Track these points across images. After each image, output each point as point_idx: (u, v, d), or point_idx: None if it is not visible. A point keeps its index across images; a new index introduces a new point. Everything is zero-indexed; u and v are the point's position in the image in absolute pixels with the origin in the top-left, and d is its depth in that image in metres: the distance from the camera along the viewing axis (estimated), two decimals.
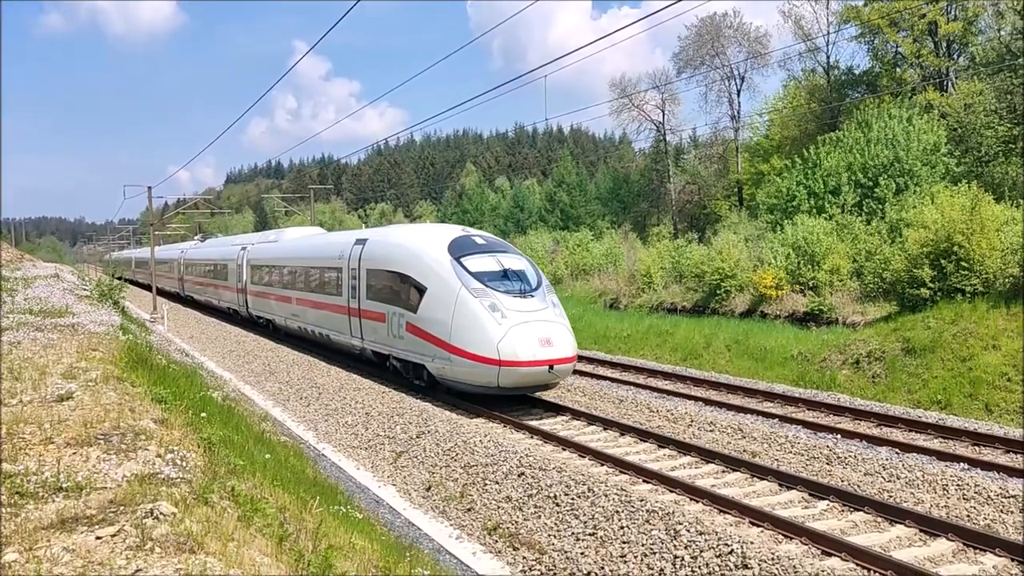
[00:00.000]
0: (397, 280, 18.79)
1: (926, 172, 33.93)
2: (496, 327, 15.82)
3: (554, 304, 17.14)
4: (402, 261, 18.75)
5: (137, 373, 10.57)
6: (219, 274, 40.58)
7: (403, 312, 18.31)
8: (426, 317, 17.30)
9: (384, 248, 20.42)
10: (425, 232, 20.23)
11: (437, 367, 17.21)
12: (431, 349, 17.18)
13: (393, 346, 19.15)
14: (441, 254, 17.61)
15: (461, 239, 18.39)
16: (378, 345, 20.17)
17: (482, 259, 17.50)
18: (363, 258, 21.12)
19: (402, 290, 18.50)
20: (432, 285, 17.28)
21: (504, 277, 17.10)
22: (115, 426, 6.99)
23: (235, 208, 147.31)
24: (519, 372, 15.74)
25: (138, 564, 4.03)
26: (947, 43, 42.25)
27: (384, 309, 19.42)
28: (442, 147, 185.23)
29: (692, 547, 9.06)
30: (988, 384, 18.50)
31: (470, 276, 16.78)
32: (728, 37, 55.77)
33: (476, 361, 15.94)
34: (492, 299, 16.27)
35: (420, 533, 11.25)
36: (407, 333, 18.15)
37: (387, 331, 19.24)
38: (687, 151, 66.92)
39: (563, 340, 16.24)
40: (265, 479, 7.68)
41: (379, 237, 21.67)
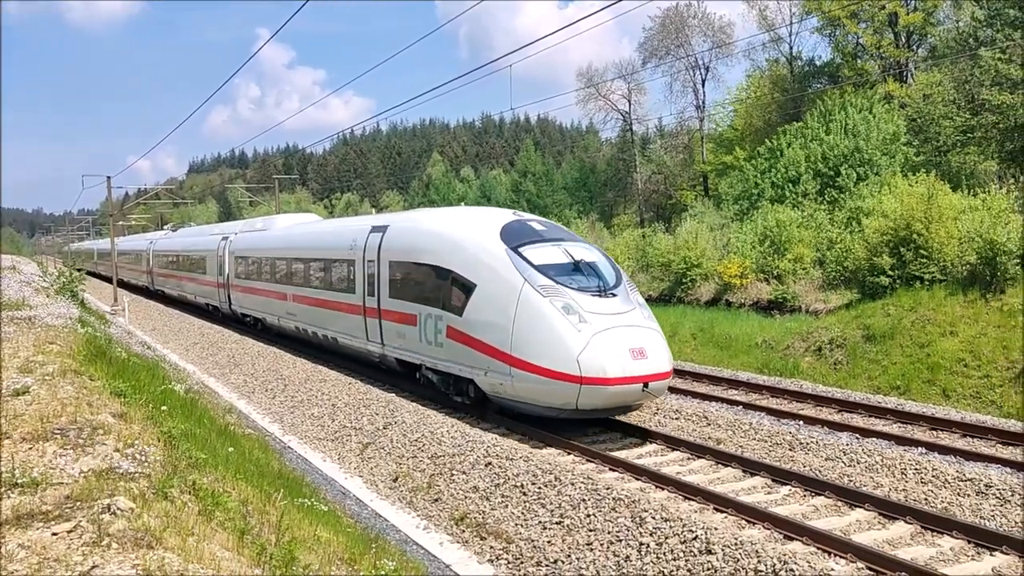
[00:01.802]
0: (432, 275, 15.82)
1: (886, 161, 34.46)
2: (575, 335, 12.78)
3: (641, 305, 14.30)
4: (439, 252, 15.83)
5: (96, 367, 10.41)
6: (196, 267, 37.17)
7: (442, 314, 15.29)
8: (475, 320, 14.29)
9: (412, 237, 17.48)
10: (467, 217, 17.27)
11: (492, 383, 14.06)
12: (483, 360, 14.10)
13: (427, 354, 16.05)
14: (493, 243, 14.69)
15: (515, 225, 15.50)
16: (406, 352, 17.01)
17: (545, 249, 14.56)
18: (383, 249, 18.07)
19: (440, 287, 15.46)
20: (483, 282, 14.32)
21: (576, 271, 14.14)
22: (72, 420, 6.88)
23: (198, 198, 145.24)
24: (607, 392, 12.69)
25: (94, 560, 3.98)
26: (907, 34, 42.85)
27: (415, 310, 16.37)
28: (409, 136, 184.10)
29: (657, 534, 9.14)
30: (945, 370, 18.88)
31: (534, 270, 13.84)
32: (693, 27, 56.04)
33: (548, 377, 12.87)
34: (566, 299, 13.27)
35: (387, 524, 11.23)
36: (448, 340, 15.09)
37: (419, 336, 16.19)
38: (653, 141, 67.17)
39: (659, 350, 13.31)
40: (228, 472, 7.61)
41: (404, 223, 18.68)
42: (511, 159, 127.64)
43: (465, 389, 15.41)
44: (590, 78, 61.52)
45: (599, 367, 12.53)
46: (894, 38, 42.41)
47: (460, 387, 15.58)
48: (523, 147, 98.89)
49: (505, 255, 14.26)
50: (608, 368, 12.57)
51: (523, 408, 13.98)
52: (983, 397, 17.73)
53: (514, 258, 14.14)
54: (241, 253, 30.21)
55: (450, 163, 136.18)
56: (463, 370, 14.85)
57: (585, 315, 13.06)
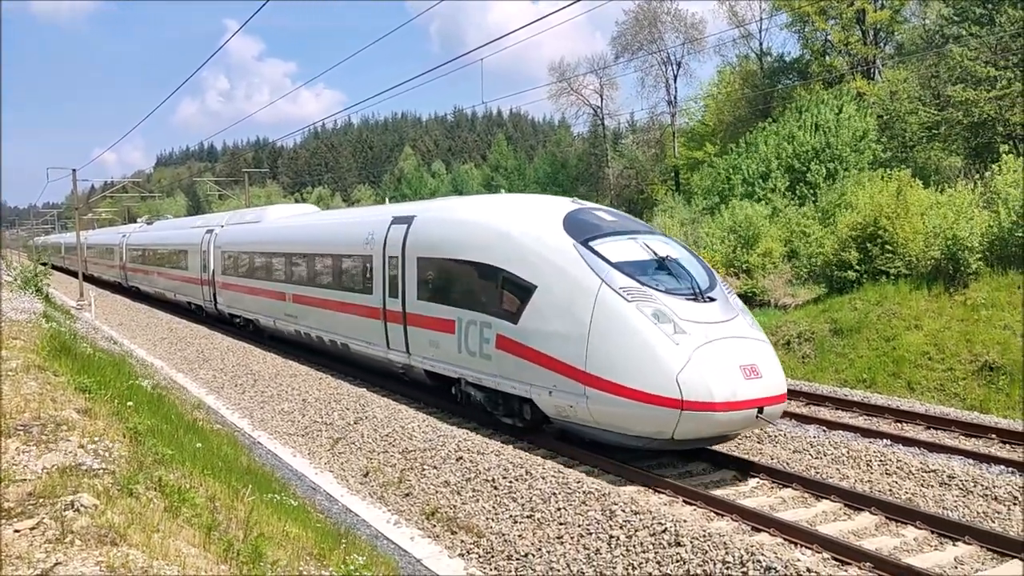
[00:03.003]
0: (476, 275, 13.62)
1: (855, 158, 34.90)
2: (672, 348, 10.59)
3: (743, 311, 12.03)
4: (486, 247, 13.52)
5: (60, 362, 10.27)
6: (176, 262, 34.28)
7: (490, 320, 13.05)
8: (536, 329, 12.06)
9: (448, 229, 15.04)
10: (518, 205, 14.78)
11: (558, 404, 11.82)
12: (546, 376, 11.87)
13: (469, 367, 13.81)
14: (556, 236, 12.40)
15: (580, 214, 13.23)
16: (439, 364, 14.76)
17: (621, 243, 12.25)
18: (409, 243, 15.74)
19: (487, 289, 13.26)
20: (546, 282, 12.08)
21: (662, 270, 11.94)
22: (36, 417, 6.78)
23: (166, 192, 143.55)
24: (714, 419, 10.51)
25: (57, 557, 3.93)
26: (874, 31, 43.39)
27: (452, 315, 14.15)
28: (380, 130, 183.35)
29: (627, 526, 9.20)
30: (910, 363, 19.17)
31: (612, 269, 11.57)
32: (665, 23, 56.34)
33: (638, 400, 10.65)
34: (656, 304, 11.06)
35: (357, 519, 11.19)
36: (498, 351, 12.91)
37: (458, 345, 14.00)
38: (625, 136, 67.54)
39: (773, 367, 11.16)
40: (195, 468, 7.54)
41: (435, 213, 16.12)
42: (483, 153, 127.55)
43: (518, 409, 13.18)
44: (562, 73, 61.73)
45: (705, 389, 10.34)
46: (862, 35, 42.93)
47: (511, 407, 13.35)
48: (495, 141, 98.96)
49: (574, 250, 11.99)
50: (716, 390, 10.38)
51: (598, 436, 11.77)
52: (947, 390, 18.03)
53: (585, 254, 11.87)
54: (229, 248, 27.67)
55: (422, 157, 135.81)
56: (518, 387, 12.61)
57: (681, 324, 10.86)
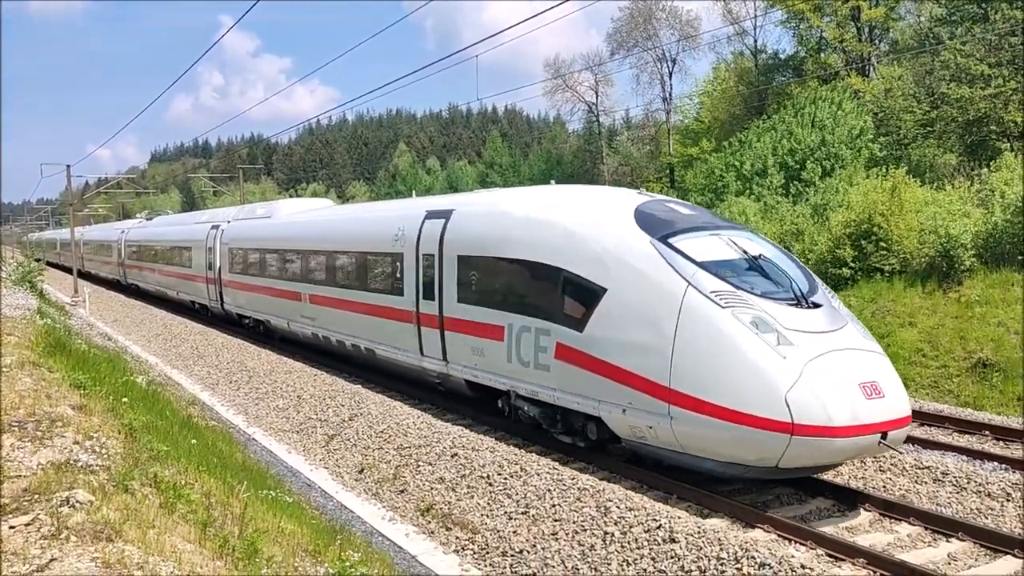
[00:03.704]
0: (530, 276, 12.31)
1: (850, 156, 34.96)
2: (779, 363, 9.19)
3: (852, 318, 10.63)
4: (542, 245, 12.12)
5: (55, 358, 10.26)
6: (179, 259, 32.69)
7: (549, 327, 11.71)
8: (606, 338, 10.71)
9: (494, 224, 13.63)
10: (578, 198, 13.23)
11: (634, 424, 10.44)
12: (619, 392, 10.52)
13: (522, 379, 12.46)
14: (628, 232, 11.05)
15: (654, 206, 11.85)
16: (485, 374, 13.42)
17: (705, 241, 10.87)
18: (448, 240, 14.39)
19: (545, 292, 11.91)
20: (618, 285, 10.69)
21: (754, 271, 10.49)
22: (30, 413, 6.77)
23: (160, 188, 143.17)
24: (832, 446, 9.10)
25: (53, 553, 3.93)
26: (869, 28, 43.45)
27: (501, 320, 12.81)
28: (375, 127, 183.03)
29: (622, 523, 9.22)
30: (904, 359, 19.22)
31: (699, 270, 10.15)
32: (660, 19, 56.34)
33: (736, 423, 9.23)
34: (754, 311, 9.67)
35: (352, 515, 11.20)
36: (558, 362, 11.55)
37: (508, 354, 12.64)
38: (620, 132, 67.54)
39: (895, 385, 9.80)
40: (190, 465, 7.54)
41: (477, 207, 14.75)
42: (478, 150, 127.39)
43: (581, 427, 11.88)
44: (557, 69, 61.70)
45: (820, 410, 8.94)
46: (856, 32, 42.99)
47: (572, 424, 12.09)
48: (490, 138, 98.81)
49: (651, 248, 10.61)
50: (834, 412, 8.94)
51: (682, 461, 10.32)
52: (941, 386, 18.09)
53: (666, 252, 10.49)
54: (238, 244, 26.07)
55: (417, 154, 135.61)
56: (582, 403, 11.25)
57: (786, 333, 9.45)
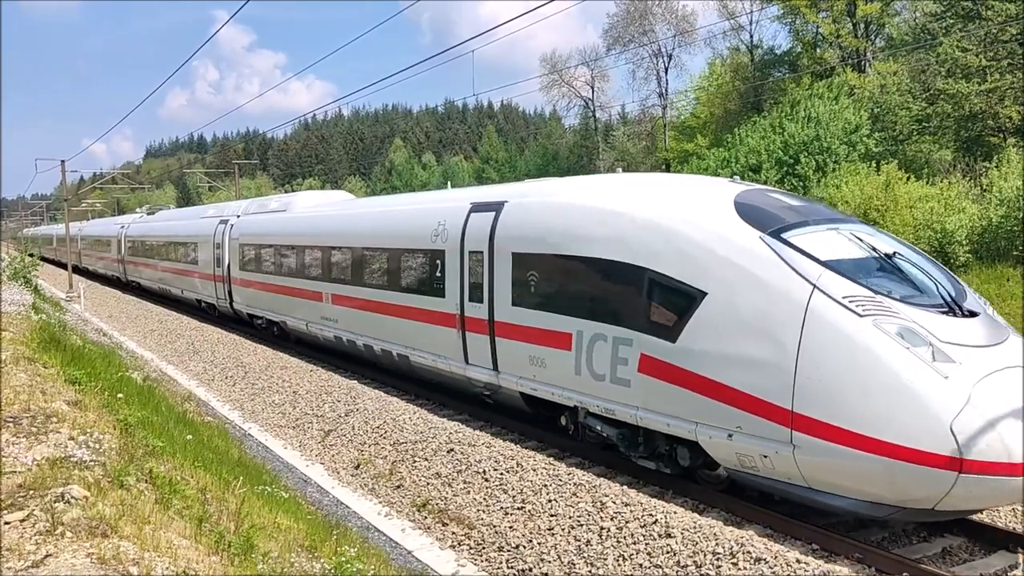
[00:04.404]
0: (605, 275, 10.73)
1: (845, 150, 35.01)
2: (939, 383, 7.65)
3: (1012, 330, 8.91)
4: (620, 240, 10.51)
5: (50, 354, 10.22)
6: (183, 256, 31.14)
7: (631, 336, 10.16)
8: (707, 350, 9.16)
9: (557, 217, 11.89)
10: (660, 186, 11.70)
11: (745, 451, 8.88)
12: (725, 414, 8.99)
13: (593, 394, 10.91)
14: (731, 226, 9.50)
15: (755, 196, 10.30)
16: (546, 387, 11.84)
17: (824, 236, 9.35)
18: (499, 236, 12.84)
19: (624, 294, 10.37)
20: (722, 287, 9.11)
21: (891, 273, 8.97)
22: (25, 408, 6.75)
23: (155, 183, 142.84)
24: (1010, 486, 7.52)
25: (48, 549, 3.93)
26: (865, 24, 43.47)
27: (567, 326, 11.25)
28: (371, 122, 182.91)
29: (618, 518, 9.23)
30: None
31: (827, 271, 8.58)
32: (656, 15, 56.33)
33: (884, 456, 7.70)
34: (901, 320, 8.11)
35: (348, 511, 11.20)
36: (643, 376, 10.03)
37: (575, 365, 11.11)
38: (616, 128, 67.54)
39: None
40: (186, 460, 7.54)
41: (537, 198, 12.82)
42: (474, 145, 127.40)
43: (670, 452, 10.44)
44: (553, 65, 61.68)
45: (997, 443, 7.40)
46: (852, 28, 43.01)
47: (656, 446, 10.61)
48: (486, 133, 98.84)
49: (762, 245, 9.07)
50: (1014, 444, 7.40)
51: (806, 497, 8.61)
52: None
53: (781, 250, 8.95)
54: (249, 240, 24.52)
55: (412, 149, 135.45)
56: (674, 425, 9.72)
57: (943, 348, 7.87)
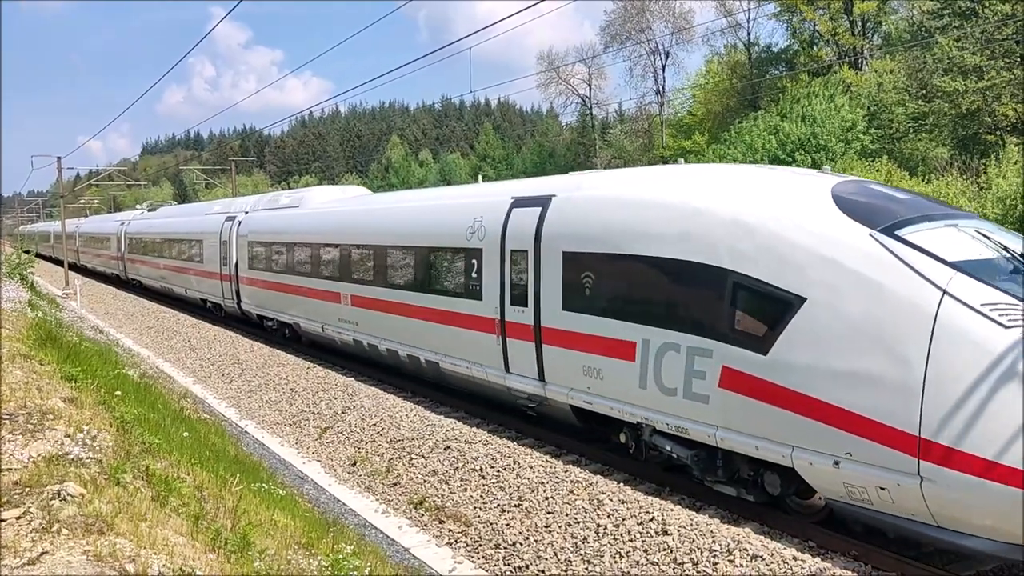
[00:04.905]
0: (674, 278, 9.65)
1: (841, 148, 35.06)
2: None
3: None
4: (697, 239, 9.36)
5: (46, 351, 10.21)
6: (188, 254, 30.10)
7: (709, 346, 9.06)
8: (806, 364, 8.10)
9: (618, 212, 10.73)
10: (740, 178, 10.43)
11: (857, 481, 7.79)
12: (831, 438, 7.90)
13: (662, 410, 9.78)
14: (833, 222, 8.42)
15: (856, 189, 9.23)
16: (604, 401, 10.71)
17: (946, 234, 8.27)
18: (547, 233, 11.70)
19: (702, 299, 9.27)
20: (823, 292, 8.07)
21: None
22: (21, 405, 6.74)
23: (152, 180, 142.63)
24: None
25: (44, 547, 3.92)
26: (862, 22, 43.51)
27: (630, 333, 10.13)
28: (368, 119, 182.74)
29: (615, 515, 9.24)
30: None
31: (958, 274, 7.54)
32: (654, 12, 56.32)
33: None
34: None
35: (345, 508, 11.19)
36: (724, 392, 8.93)
37: (640, 377, 9.99)
38: (613, 126, 67.53)
39: None
40: (183, 458, 7.53)
41: (591, 191, 11.64)
42: (471, 143, 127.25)
43: (754, 478, 9.32)
44: (551, 62, 61.68)
45: None
46: (849, 25, 43.04)
47: (737, 470, 9.48)
48: (483, 131, 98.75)
49: (873, 244, 7.98)
50: None
51: (934, 537, 7.58)
52: None
53: (898, 249, 7.86)
54: (259, 237, 23.44)
55: (409, 146, 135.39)
56: (764, 448, 8.60)
57: None
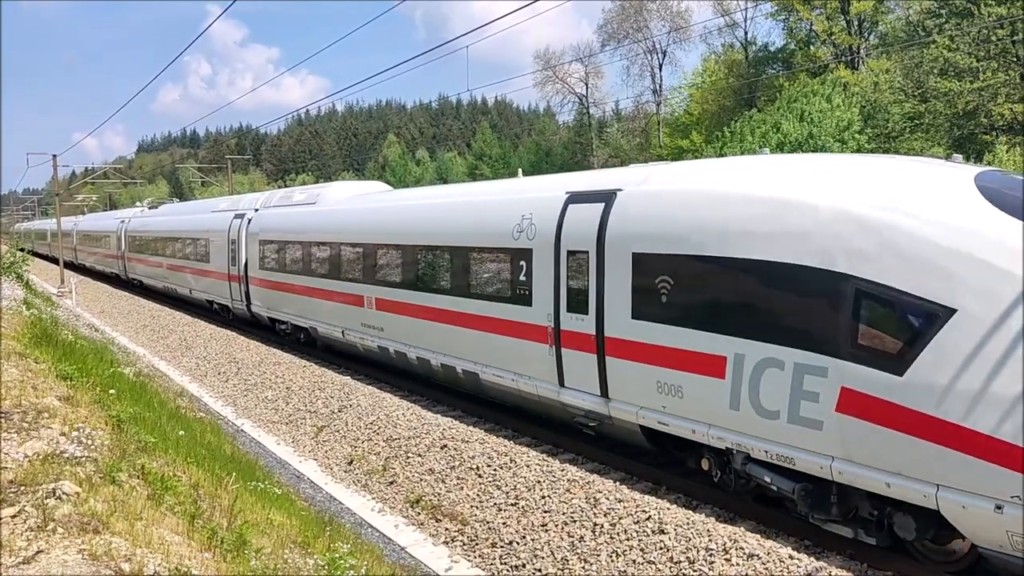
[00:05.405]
0: (776, 284, 8.43)
1: (838, 148, 35.10)
2: None
3: None
4: (807, 238, 8.14)
5: (41, 349, 10.18)
6: (194, 253, 28.93)
7: (823, 363, 7.86)
8: (956, 390, 6.95)
9: (703, 208, 9.46)
10: (856, 169, 8.94)
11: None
12: (990, 477, 6.75)
13: (761, 435, 8.58)
14: (988, 220, 7.24)
15: (1004, 181, 8.08)
16: (684, 422, 9.53)
17: None
18: (614, 232, 10.49)
19: (814, 309, 8.09)
20: (981, 304, 6.93)
21: None
22: (17, 404, 6.72)
23: (148, 178, 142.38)
24: None
25: (39, 545, 3.90)
26: (858, 21, 43.56)
27: (720, 346, 8.94)
28: (365, 117, 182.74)
29: (611, 514, 9.24)
30: None
31: None
32: (651, 11, 56.36)
33: None
34: None
35: (341, 507, 11.19)
36: (843, 416, 7.71)
37: (732, 396, 8.78)
38: (610, 124, 67.56)
39: None
40: (179, 456, 7.51)
41: (661, 185, 10.43)
42: (468, 141, 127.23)
43: (878, 518, 8.00)
44: (548, 61, 61.70)
45: None
46: (846, 25, 43.09)
47: (855, 508, 8.25)
48: (479, 129, 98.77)
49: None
50: None
51: None
52: None
53: None
54: (271, 236, 22.33)
55: (406, 145, 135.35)
56: (898, 486, 7.40)
57: None
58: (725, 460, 9.36)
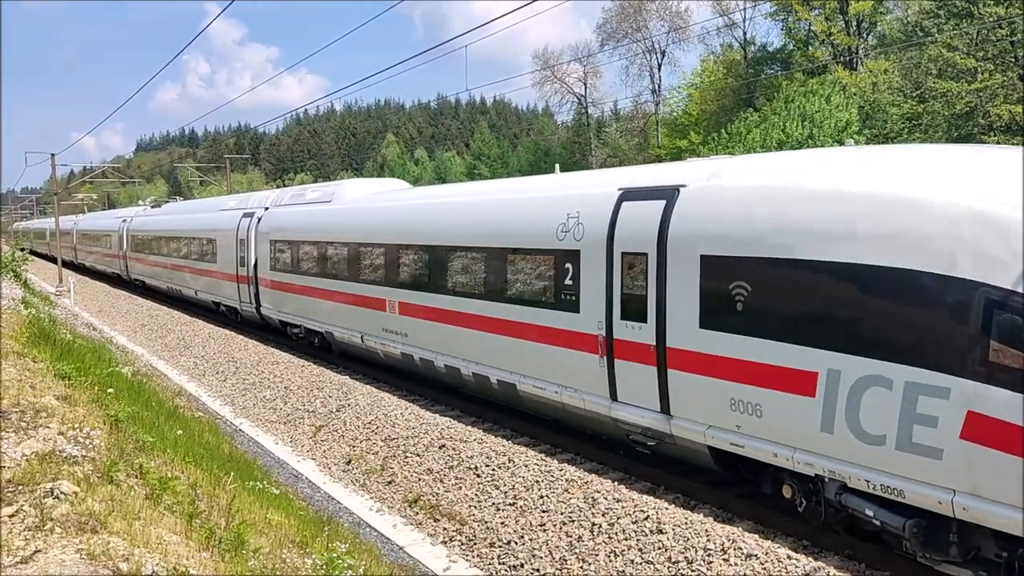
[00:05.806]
0: (872, 291, 7.45)
1: None
2: None
3: None
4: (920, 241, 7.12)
5: (39, 349, 10.18)
6: (200, 253, 28.08)
7: (941, 383, 6.85)
8: None
9: (784, 206, 8.45)
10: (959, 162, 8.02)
11: None
12: None
13: (859, 462, 7.60)
14: None
15: None
16: (764, 444, 8.56)
17: None
18: (678, 231, 9.54)
19: (923, 320, 7.12)
20: None
21: None
22: (14, 403, 6.71)
23: (146, 177, 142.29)
24: None
25: (37, 545, 3.90)
26: (857, 22, 43.59)
27: (809, 361, 7.95)
28: (363, 117, 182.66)
29: (610, 514, 9.25)
30: None
31: None
32: (650, 11, 56.40)
33: None
34: None
35: (340, 507, 11.19)
36: (971, 444, 6.66)
37: (824, 417, 7.79)
38: (608, 124, 67.63)
39: None
40: (177, 456, 7.51)
41: (734, 180, 9.40)
42: (466, 141, 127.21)
43: (1011, 560, 6.83)
44: (546, 60, 61.74)
45: None
46: (845, 25, 43.12)
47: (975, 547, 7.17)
48: (478, 129, 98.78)
49: None
50: None
51: None
52: None
53: None
54: (283, 235, 21.42)
55: (405, 144, 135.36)
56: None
57: None
58: (813, 488, 8.25)
